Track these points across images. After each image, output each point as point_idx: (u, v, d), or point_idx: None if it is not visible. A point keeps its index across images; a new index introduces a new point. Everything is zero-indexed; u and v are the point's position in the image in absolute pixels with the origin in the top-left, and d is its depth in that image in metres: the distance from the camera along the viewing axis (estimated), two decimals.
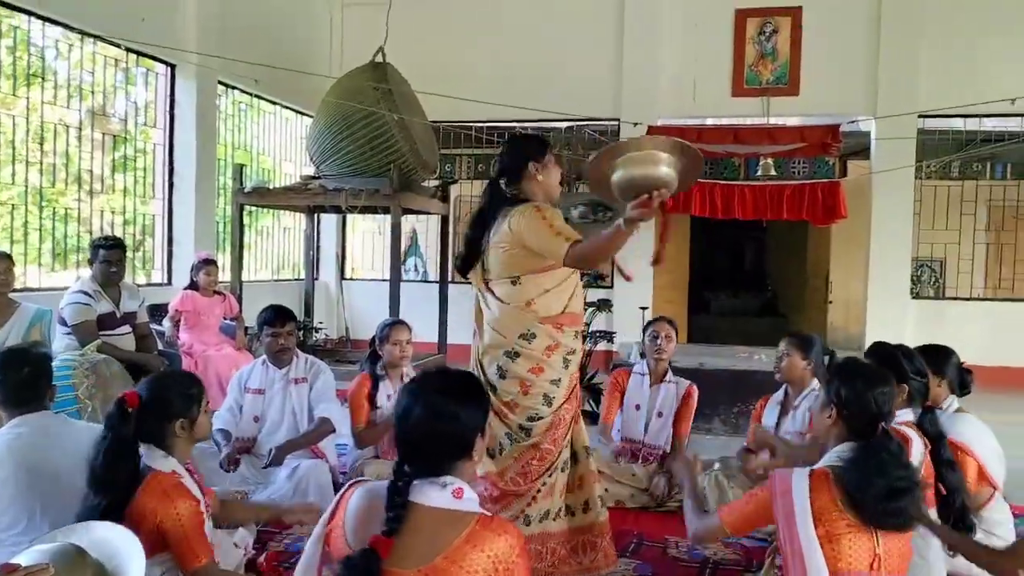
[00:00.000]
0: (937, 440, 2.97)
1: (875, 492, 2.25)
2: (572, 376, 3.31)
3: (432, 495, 1.89)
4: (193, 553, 2.61)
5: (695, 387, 4.83)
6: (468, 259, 3.33)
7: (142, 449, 2.67)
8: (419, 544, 1.83)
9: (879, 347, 3.31)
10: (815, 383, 4.03)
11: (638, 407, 4.82)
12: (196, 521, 2.64)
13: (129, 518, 2.55)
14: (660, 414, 4.77)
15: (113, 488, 2.56)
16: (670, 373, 4.84)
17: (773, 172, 9.53)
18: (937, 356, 3.62)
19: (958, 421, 3.39)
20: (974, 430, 3.43)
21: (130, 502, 2.57)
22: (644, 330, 4.93)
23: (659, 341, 4.77)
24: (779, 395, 4.28)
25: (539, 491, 3.21)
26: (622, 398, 4.91)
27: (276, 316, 4.43)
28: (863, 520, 2.26)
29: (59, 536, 2.31)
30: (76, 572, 2.09)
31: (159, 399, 2.70)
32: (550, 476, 3.23)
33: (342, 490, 2.04)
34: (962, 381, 3.64)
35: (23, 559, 2.06)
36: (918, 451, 2.86)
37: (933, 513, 2.82)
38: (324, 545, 2.00)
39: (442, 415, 1.93)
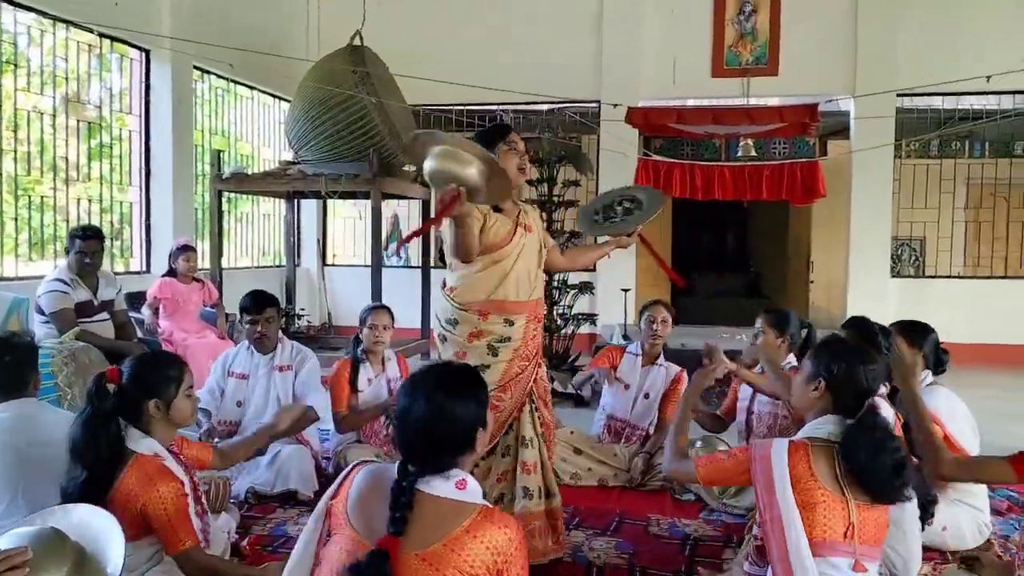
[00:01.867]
0: (908, 416, 2.99)
1: (883, 470, 2.28)
2: (507, 364, 3.24)
3: (436, 485, 1.89)
4: (177, 537, 2.60)
5: (685, 373, 4.80)
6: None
7: (124, 430, 2.65)
8: (419, 530, 1.83)
9: (858, 320, 3.30)
10: (791, 358, 3.99)
11: (627, 387, 4.84)
12: (180, 504, 2.62)
13: (114, 500, 2.55)
14: (647, 395, 4.78)
15: (94, 461, 2.55)
16: (662, 357, 4.84)
17: (753, 153, 9.55)
18: (915, 330, 3.66)
19: (930, 393, 3.43)
20: (945, 401, 3.50)
21: (114, 481, 2.56)
22: (640, 313, 4.95)
23: (655, 326, 4.77)
24: (756, 370, 4.28)
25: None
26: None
27: (253, 303, 4.39)
28: (868, 493, 2.30)
29: (38, 520, 2.30)
30: (56, 555, 2.09)
31: (136, 376, 2.70)
32: (483, 459, 3.20)
33: (349, 467, 2.04)
34: (938, 359, 3.66)
35: (2, 542, 2.06)
36: (889, 417, 2.87)
37: None
38: (325, 520, 2.01)
39: (442, 413, 1.91)
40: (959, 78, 7.98)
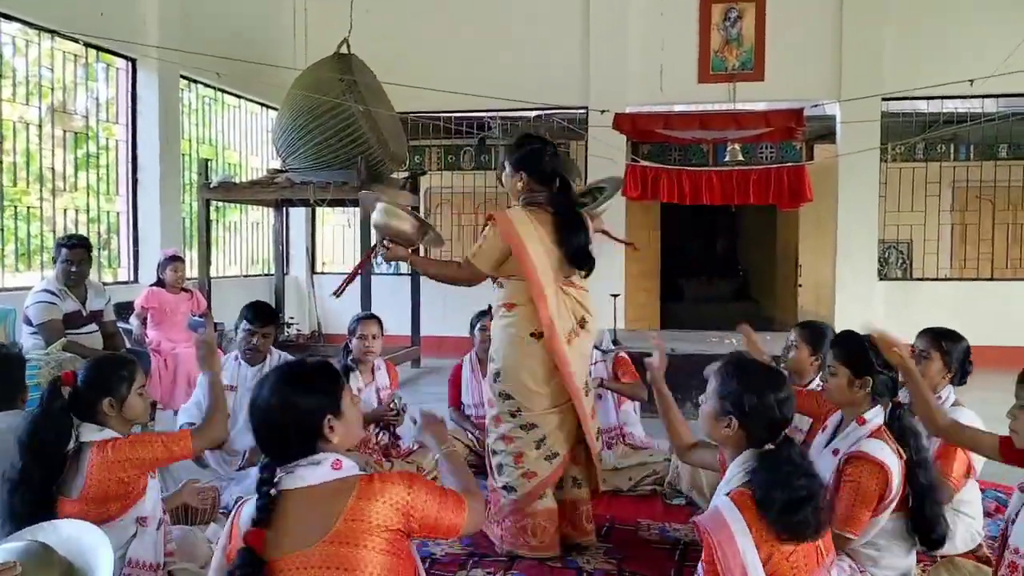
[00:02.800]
0: (909, 438, 2.81)
1: (776, 507, 2.13)
2: None
3: (308, 475, 1.94)
4: (179, 444, 2.83)
5: (623, 353, 4.90)
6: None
7: (79, 428, 2.72)
8: (312, 521, 1.87)
9: (847, 336, 3.03)
10: (816, 379, 3.78)
11: None
12: (158, 438, 2.82)
13: (88, 492, 2.61)
14: (599, 396, 4.72)
15: (38, 451, 2.60)
16: (596, 354, 4.74)
17: (740, 157, 9.59)
18: (950, 340, 3.42)
19: (954, 415, 3.26)
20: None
21: (57, 479, 2.63)
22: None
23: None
24: None
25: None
26: None
27: (256, 315, 4.38)
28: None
29: (27, 534, 2.30)
30: (44, 570, 2.08)
31: (89, 377, 2.77)
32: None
33: (232, 511, 2.06)
34: (963, 371, 3.47)
35: None
36: (897, 476, 2.69)
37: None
38: (227, 565, 2.00)
39: (282, 403, 1.98)
40: (943, 82, 8.03)
